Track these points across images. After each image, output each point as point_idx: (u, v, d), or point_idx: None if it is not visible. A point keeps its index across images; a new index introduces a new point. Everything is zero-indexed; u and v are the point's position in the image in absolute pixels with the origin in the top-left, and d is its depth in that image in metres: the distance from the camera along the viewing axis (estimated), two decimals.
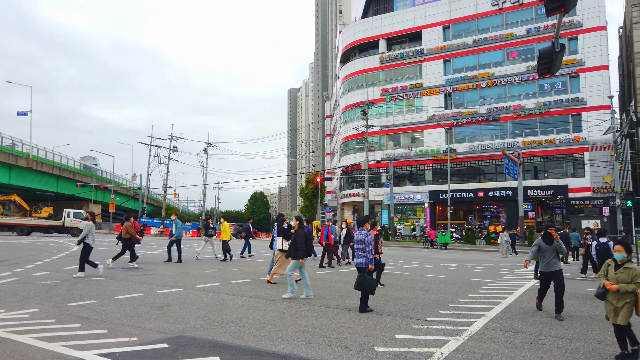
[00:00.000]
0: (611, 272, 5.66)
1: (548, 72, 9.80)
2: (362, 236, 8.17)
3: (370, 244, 8.11)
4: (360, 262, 8.05)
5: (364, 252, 8.07)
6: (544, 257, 8.07)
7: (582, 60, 37.78)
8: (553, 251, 7.97)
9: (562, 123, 38.67)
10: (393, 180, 41.55)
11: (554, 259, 7.98)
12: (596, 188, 36.50)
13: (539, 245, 8.15)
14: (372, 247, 8.14)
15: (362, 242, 8.13)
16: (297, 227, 9.29)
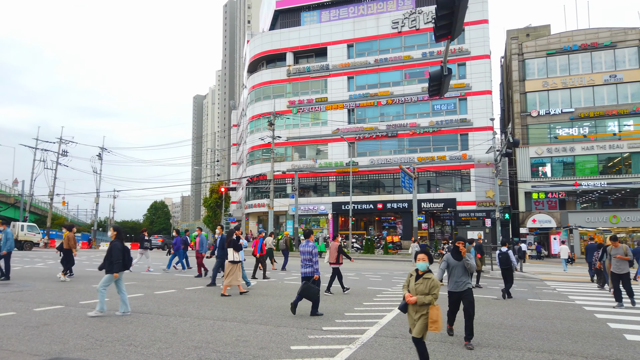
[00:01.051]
0: (412, 283, 5.33)
1: (437, 93, 10.58)
2: (309, 247, 8.93)
3: (316, 255, 8.89)
4: (307, 271, 8.81)
5: (311, 262, 8.82)
6: (452, 275, 7.14)
7: (470, 84, 41.47)
8: (462, 268, 7.06)
9: (452, 141, 41.98)
10: (298, 191, 42.04)
11: (463, 277, 7.06)
12: (480, 202, 40.04)
13: (447, 262, 7.21)
14: (317, 258, 8.92)
15: (309, 253, 8.88)
16: (115, 238, 8.37)
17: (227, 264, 11.35)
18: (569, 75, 40.35)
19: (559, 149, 39.93)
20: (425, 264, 5.35)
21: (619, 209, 38.65)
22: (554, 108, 40.59)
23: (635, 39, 38.93)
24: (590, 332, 7.99)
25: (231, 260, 11.26)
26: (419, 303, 5.12)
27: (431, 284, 5.17)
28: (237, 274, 11.31)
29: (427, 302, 5.08)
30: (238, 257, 11.35)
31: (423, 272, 5.32)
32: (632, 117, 38.51)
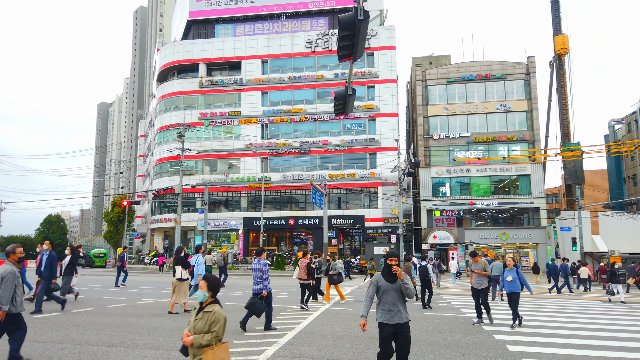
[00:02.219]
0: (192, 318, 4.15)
1: (343, 112, 10.86)
2: (260, 265, 9.55)
3: (266, 272, 9.49)
4: (258, 287, 9.45)
5: (261, 279, 9.45)
6: (383, 302, 5.50)
7: (378, 106, 43.39)
8: (397, 292, 5.44)
9: (362, 160, 43.45)
10: (208, 205, 40.80)
11: (399, 304, 5.44)
12: (386, 219, 41.68)
13: (376, 285, 5.54)
14: (268, 275, 9.52)
15: (260, 270, 9.50)
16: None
17: (174, 281, 11.54)
18: (466, 103, 43.77)
19: (457, 170, 42.95)
20: (203, 293, 4.14)
21: (508, 226, 42.29)
22: (453, 132, 43.68)
23: (522, 72, 43.31)
24: (477, 344, 8.50)
25: (178, 277, 11.50)
26: (195, 345, 3.93)
27: (212, 319, 4.01)
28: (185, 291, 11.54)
29: (205, 344, 3.92)
30: (186, 275, 11.62)
31: (204, 303, 4.14)
32: (519, 143, 42.57)
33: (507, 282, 10.82)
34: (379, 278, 5.58)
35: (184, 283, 11.59)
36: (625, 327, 11.22)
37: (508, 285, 10.80)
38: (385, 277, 5.53)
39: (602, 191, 54.25)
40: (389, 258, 5.53)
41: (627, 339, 9.44)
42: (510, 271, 10.99)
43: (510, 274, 10.90)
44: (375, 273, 9.72)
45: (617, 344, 8.85)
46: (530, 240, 41.04)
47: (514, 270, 10.95)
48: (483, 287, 11.21)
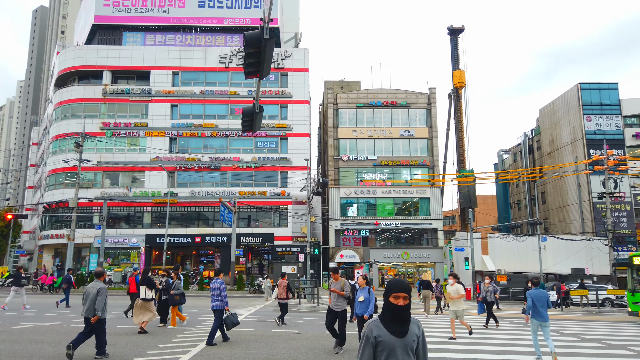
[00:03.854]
0: None
1: (250, 129, 10.88)
2: (217, 284, 10.63)
3: (224, 290, 10.58)
4: (216, 304, 10.47)
5: (219, 296, 10.48)
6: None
7: (291, 126, 43.97)
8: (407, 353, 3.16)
9: (273, 178, 43.54)
10: (107, 221, 38.22)
11: None
12: (295, 237, 41.97)
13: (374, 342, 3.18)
14: (225, 293, 10.60)
15: (217, 289, 10.57)
16: None
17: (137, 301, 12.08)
18: (373, 127, 45.88)
19: (364, 192, 44.62)
20: None
21: (410, 246, 44.57)
22: (361, 154, 45.45)
23: (424, 102, 46.45)
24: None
25: (142, 297, 12.07)
26: None
27: None
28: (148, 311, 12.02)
29: None
30: (150, 295, 12.23)
31: None
32: (420, 168, 45.35)
33: (358, 302, 9.42)
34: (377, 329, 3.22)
35: (149, 303, 12.20)
36: (492, 340, 12.26)
37: (359, 307, 9.39)
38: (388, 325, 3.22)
39: (491, 214, 59.31)
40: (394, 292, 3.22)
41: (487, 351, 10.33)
42: (362, 291, 9.54)
43: (362, 294, 9.46)
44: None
45: (479, 356, 9.65)
46: (428, 259, 43.54)
47: (366, 289, 9.51)
48: (341, 310, 9.63)
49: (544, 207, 50.17)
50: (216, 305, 10.46)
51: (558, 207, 48.05)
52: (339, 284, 9.93)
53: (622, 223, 41.54)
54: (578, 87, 45.29)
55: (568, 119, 46.69)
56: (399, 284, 3.26)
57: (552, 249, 37.52)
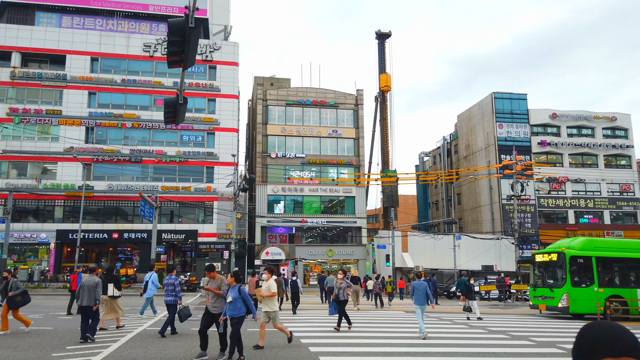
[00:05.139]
0: None
1: (173, 121, 10.51)
2: (171, 280, 11.53)
3: (177, 285, 11.47)
4: (169, 299, 11.33)
5: (174, 291, 11.39)
6: None
7: (218, 120, 43.05)
8: None
9: (198, 173, 42.40)
10: (12, 215, 35.12)
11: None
12: (221, 234, 41.21)
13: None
14: (179, 288, 11.52)
15: (172, 284, 11.46)
16: None
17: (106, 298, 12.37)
18: (302, 125, 46.17)
19: (292, 189, 44.79)
20: None
21: (335, 243, 45.42)
22: (289, 152, 45.55)
23: (352, 103, 47.51)
24: (292, 357, 8.92)
25: (110, 295, 12.48)
26: None
27: None
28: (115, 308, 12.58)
29: None
30: (117, 293, 12.69)
31: None
32: (347, 167, 46.35)
33: (228, 303, 8.49)
34: None
35: (116, 300, 12.65)
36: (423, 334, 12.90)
37: (228, 308, 8.46)
38: None
39: (412, 214, 62.03)
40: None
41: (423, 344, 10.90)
42: (232, 290, 8.60)
43: (231, 294, 8.52)
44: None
45: (417, 350, 10.16)
46: (352, 256, 44.66)
47: (236, 288, 8.55)
48: (217, 313, 8.87)
49: (459, 208, 53.30)
50: (170, 300, 11.33)
51: (472, 207, 51.27)
52: (215, 283, 8.90)
53: (527, 223, 45.20)
54: (492, 97, 48.59)
55: (483, 125, 49.93)
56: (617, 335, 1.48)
57: (465, 246, 39.98)
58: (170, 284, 11.46)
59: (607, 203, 48.08)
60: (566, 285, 18.47)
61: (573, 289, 18.39)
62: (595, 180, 48.25)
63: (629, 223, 48.62)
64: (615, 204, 48.26)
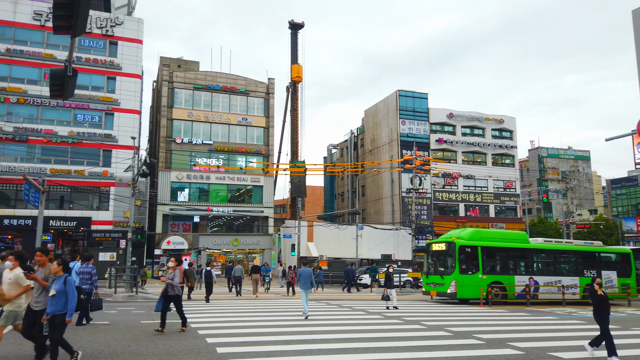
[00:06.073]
0: None
1: (60, 95, 9.51)
2: (88, 269, 11.58)
3: (95, 275, 11.62)
4: (85, 287, 11.13)
5: (90, 280, 11.46)
6: None
7: (118, 100, 40.24)
8: None
9: (94, 156, 39.39)
10: None
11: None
12: (117, 222, 38.77)
13: None
14: (96, 277, 11.71)
15: (88, 273, 11.54)
16: None
17: None
18: (211, 111, 44.79)
19: (197, 176, 43.39)
20: None
21: (241, 233, 44.89)
22: (196, 138, 44.00)
23: (263, 91, 47.03)
24: (187, 349, 8.64)
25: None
26: None
27: None
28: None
29: None
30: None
31: None
32: (256, 156, 45.91)
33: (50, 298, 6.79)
34: None
35: None
36: (323, 324, 13.20)
37: (50, 303, 6.77)
38: None
39: (319, 204, 63.24)
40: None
41: (322, 332, 11.14)
42: (57, 281, 6.88)
43: (54, 286, 6.83)
44: None
45: (312, 337, 10.34)
46: (258, 246, 44.49)
47: (62, 279, 6.86)
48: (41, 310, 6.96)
49: (363, 199, 55.35)
50: (86, 289, 11.14)
51: (375, 199, 53.51)
52: (43, 273, 7.13)
53: (423, 215, 48.21)
54: (397, 94, 50.90)
55: (387, 121, 52.17)
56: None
57: (367, 236, 41.64)
58: (87, 273, 11.56)
59: (492, 198, 52.81)
60: (455, 272, 20.00)
61: (461, 276, 19.96)
62: (483, 176, 52.71)
63: (510, 216, 53.87)
64: (499, 199, 53.17)
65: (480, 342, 10.05)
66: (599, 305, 8.88)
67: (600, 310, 8.87)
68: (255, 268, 23.78)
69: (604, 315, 8.81)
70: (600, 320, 8.83)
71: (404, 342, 9.81)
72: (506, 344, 9.81)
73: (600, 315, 8.85)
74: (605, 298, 9.00)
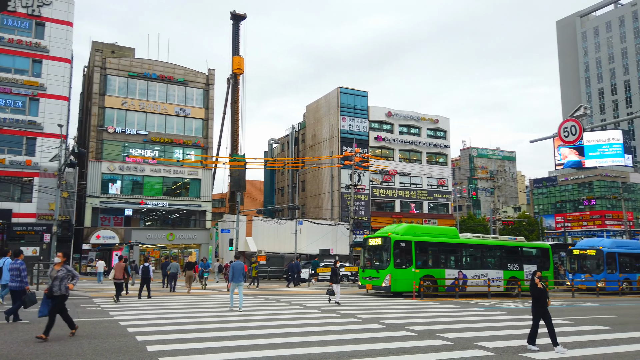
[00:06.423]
0: None
1: None
2: (17, 265, 10.84)
3: (24, 270, 10.85)
4: (14, 285, 10.74)
5: (19, 277, 10.77)
6: None
7: (45, 85, 37.65)
8: None
9: (16, 144, 36.66)
10: None
11: None
12: (41, 215, 36.34)
13: None
14: (25, 273, 10.89)
15: (17, 269, 10.80)
16: None
17: None
18: (147, 100, 43.02)
19: (131, 168, 41.59)
20: None
21: (176, 227, 43.60)
22: (130, 128, 42.11)
23: (203, 82, 45.81)
24: (115, 348, 8.28)
25: None
26: None
27: None
28: None
29: None
30: None
31: None
32: (194, 148, 44.69)
33: None
34: None
35: None
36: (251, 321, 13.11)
37: None
38: None
39: (258, 199, 62.76)
40: None
41: (257, 327, 11.06)
42: None
43: None
44: None
45: (246, 332, 10.25)
46: (194, 240, 43.43)
47: None
48: None
49: (303, 194, 55.57)
50: (15, 286, 10.78)
51: (315, 194, 53.89)
52: None
53: (361, 211, 49.19)
54: (338, 91, 51.46)
55: (329, 117, 52.64)
56: None
57: (306, 231, 41.87)
58: (16, 269, 10.91)
59: (426, 195, 54.86)
60: (390, 266, 20.59)
61: (395, 270, 20.58)
62: (418, 174, 54.59)
63: (443, 213, 56.25)
64: (432, 196, 55.33)
65: (412, 333, 10.43)
66: (538, 298, 9.12)
67: (540, 302, 9.11)
68: (190, 264, 23.43)
69: (544, 306, 9.07)
70: (538, 311, 9.08)
71: (339, 336, 9.98)
72: (436, 335, 10.24)
73: (540, 307, 9.09)
74: (544, 291, 9.24)
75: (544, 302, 9.12)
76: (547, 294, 9.37)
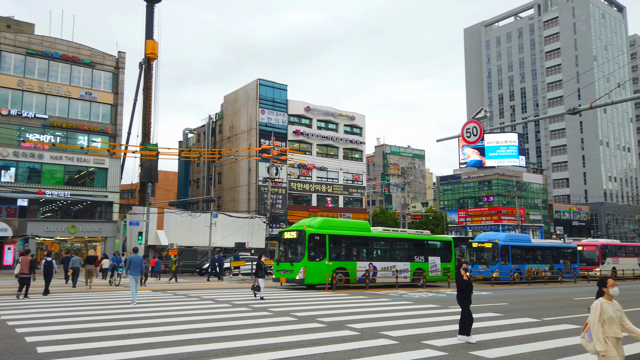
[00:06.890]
0: None
1: None
2: None
3: None
4: None
5: None
6: None
7: None
8: None
9: None
10: None
11: None
12: None
13: None
14: None
15: None
16: None
17: None
18: (47, 81, 39.49)
19: (27, 154, 38.04)
20: None
21: (79, 219, 40.66)
22: (27, 110, 38.45)
23: (112, 65, 42.97)
24: (2, 350, 7.57)
25: None
26: None
27: None
28: None
29: None
30: None
31: None
32: (101, 135, 41.85)
33: None
34: None
35: None
36: (151, 316, 12.64)
37: None
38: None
39: (172, 191, 60.37)
40: None
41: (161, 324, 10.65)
42: None
43: None
44: None
45: (149, 330, 9.84)
46: (100, 233, 40.85)
47: None
48: None
49: (219, 187, 54.38)
50: None
51: (231, 187, 52.97)
52: None
53: (278, 204, 49.21)
54: (257, 83, 50.88)
55: (247, 109, 51.90)
56: None
57: (221, 224, 41.02)
58: None
59: (342, 189, 56.17)
60: (304, 259, 20.84)
61: (309, 262, 20.87)
62: (335, 169, 55.70)
63: (357, 207, 57.94)
64: (348, 191, 56.78)
65: (322, 325, 10.65)
66: (463, 289, 9.25)
67: (464, 294, 9.27)
68: (91, 258, 22.11)
69: (468, 298, 9.25)
70: (462, 303, 9.25)
71: (250, 330, 9.92)
72: (345, 326, 10.54)
73: (464, 298, 9.25)
74: (470, 283, 9.36)
75: (469, 294, 9.23)
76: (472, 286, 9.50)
